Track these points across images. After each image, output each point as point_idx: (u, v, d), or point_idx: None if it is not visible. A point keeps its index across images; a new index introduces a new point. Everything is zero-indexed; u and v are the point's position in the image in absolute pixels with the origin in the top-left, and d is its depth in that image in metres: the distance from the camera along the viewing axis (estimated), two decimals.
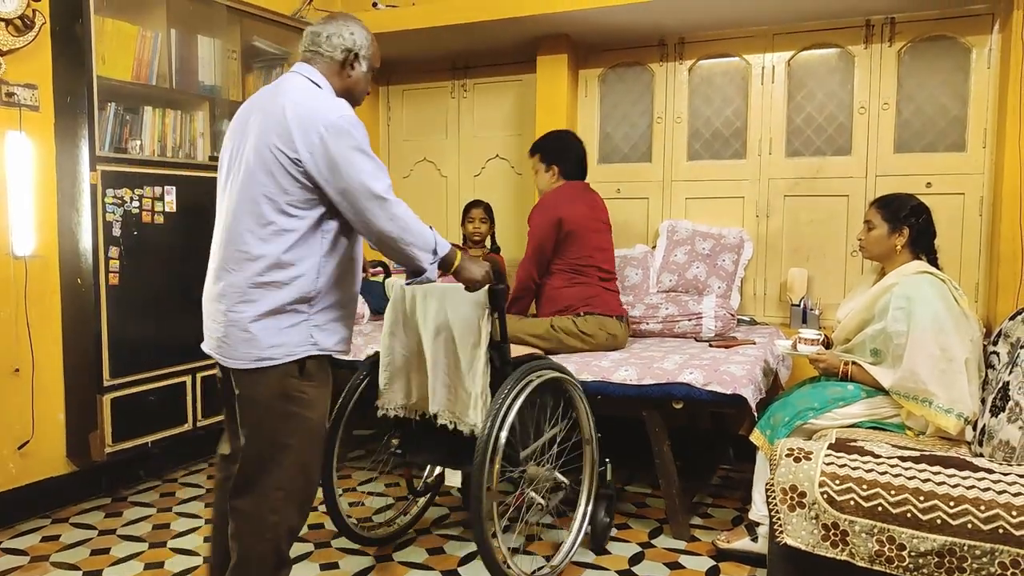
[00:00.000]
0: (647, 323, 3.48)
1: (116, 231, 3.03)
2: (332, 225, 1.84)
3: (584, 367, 2.84)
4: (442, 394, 2.40)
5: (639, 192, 4.06)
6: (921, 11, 3.42)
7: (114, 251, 3.03)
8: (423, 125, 4.63)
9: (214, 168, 3.46)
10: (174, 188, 3.25)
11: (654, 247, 3.95)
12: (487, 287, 2.15)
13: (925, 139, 3.50)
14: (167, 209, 3.23)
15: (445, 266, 1.95)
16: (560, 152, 3.27)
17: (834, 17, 3.57)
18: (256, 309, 1.78)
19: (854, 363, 2.57)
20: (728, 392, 2.60)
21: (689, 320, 3.41)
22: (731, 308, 3.45)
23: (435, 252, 1.89)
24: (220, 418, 3.52)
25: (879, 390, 2.49)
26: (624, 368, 2.80)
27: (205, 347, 1.94)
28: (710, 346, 3.14)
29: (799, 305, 3.63)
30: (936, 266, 2.58)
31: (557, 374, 2.43)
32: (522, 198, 4.33)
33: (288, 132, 1.74)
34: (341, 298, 1.91)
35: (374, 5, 4.13)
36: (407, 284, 2.05)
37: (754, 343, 3.13)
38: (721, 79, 3.88)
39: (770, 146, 3.77)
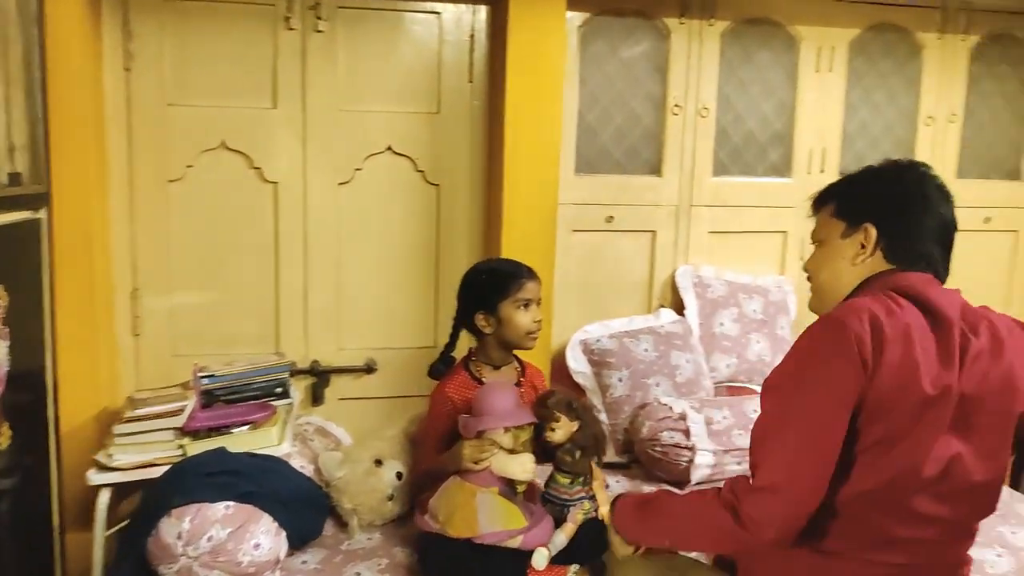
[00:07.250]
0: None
1: None
2: None
3: None
4: None
5: (642, 222, 2.59)
6: None
7: None
8: (221, 77, 2.24)
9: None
10: None
11: (664, 307, 2.60)
12: None
13: None
14: None
15: None
16: (886, 201, 1.31)
17: None
18: None
19: None
20: None
21: None
22: None
23: None
24: None
25: None
26: None
27: None
28: None
29: None
30: None
31: None
32: (437, 223, 2.47)
33: None
34: None
35: None
36: None
37: None
38: (764, 56, 2.61)
39: (823, 160, 2.69)
